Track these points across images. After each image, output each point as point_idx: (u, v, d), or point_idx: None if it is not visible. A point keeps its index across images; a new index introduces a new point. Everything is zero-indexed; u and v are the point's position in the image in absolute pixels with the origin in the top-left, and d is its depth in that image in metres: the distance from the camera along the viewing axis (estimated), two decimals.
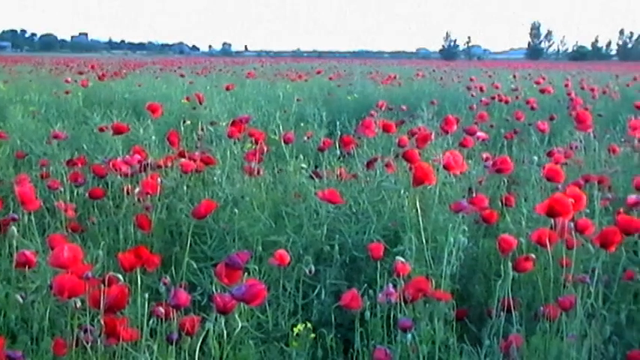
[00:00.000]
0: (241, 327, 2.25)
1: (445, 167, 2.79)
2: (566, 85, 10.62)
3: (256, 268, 2.52)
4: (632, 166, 4.28)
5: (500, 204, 3.30)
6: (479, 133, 4.57)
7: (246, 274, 2.27)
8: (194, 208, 2.74)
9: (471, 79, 12.41)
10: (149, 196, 3.27)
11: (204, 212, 2.67)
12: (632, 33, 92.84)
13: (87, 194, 3.47)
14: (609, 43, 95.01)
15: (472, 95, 9.36)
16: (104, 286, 1.92)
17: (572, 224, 2.49)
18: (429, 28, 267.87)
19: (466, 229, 2.39)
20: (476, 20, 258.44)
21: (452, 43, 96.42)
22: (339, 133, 4.38)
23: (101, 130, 4.96)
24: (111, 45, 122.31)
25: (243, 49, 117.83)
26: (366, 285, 2.38)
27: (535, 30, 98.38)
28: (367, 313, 2.27)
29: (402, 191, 3.19)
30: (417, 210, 2.69)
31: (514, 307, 2.25)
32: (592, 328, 2.20)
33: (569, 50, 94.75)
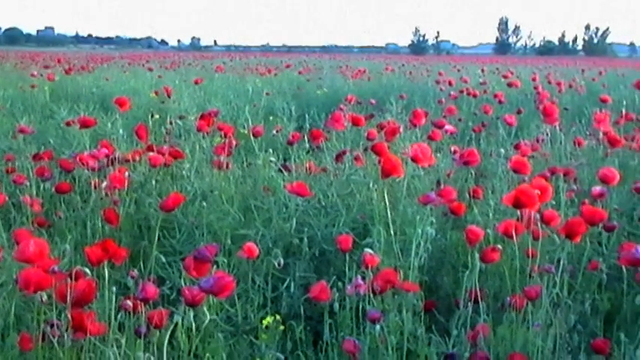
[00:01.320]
0: (210, 320, 2.24)
1: (413, 160, 2.80)
2: (534, 80, 10.74)
3: (225, 261, 2.51)
4: (597, 159, 4.34)
5: (468, 196, 3.34)
6: (447, 127, 4.60)
7: (215, 267, 2.27)
8: (162, 202, 2.73)
9: (440, 74, 12.48)
10: (117, 190, 3.24)
11: (172, 205, 2.65)
12: (597, 28, 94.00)
13: (54, 189, 3.43)
14: (575, 39, 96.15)
15: (441, 89, 9.42)
16: (71, 280, 1.91)
17: (538, 215, 2.52)
18: (399, 23, 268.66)
19: (434, 221, 2.40)
20: (445, 15, 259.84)
21: (421, 38, 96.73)
22: (308, 126, 4.38)
23: (68, 124, 4.90)
24: (78, 39, 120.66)
25: (212, 43, 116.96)
26: (335, 277, 2.38)
27: (503, 25, 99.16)
28: (336, 305, 2.27)
29: (371, 184, 3.21)
30: (385, 203, 2.71)
31: (481, 298, 2.27)
32: (557, 317, 2.23)
33: (537, 45, 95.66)
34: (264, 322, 2.26)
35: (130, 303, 1.94)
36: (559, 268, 2.31)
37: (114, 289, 1.92)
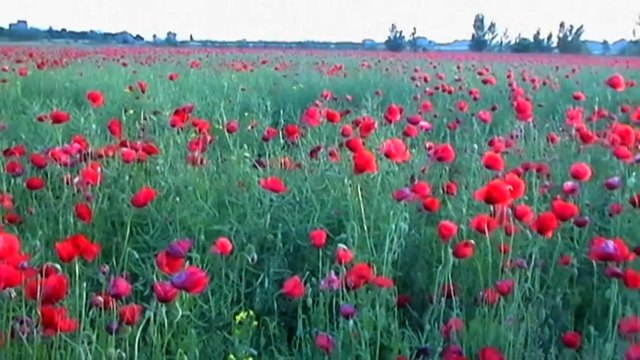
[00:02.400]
0: (184, 316, 2.23)
1: (386, 155, 2.81)
2: (509, 76, 10.81)
3: (199, 257, 2.50)
4: (569, 155, 4.38)
5: (442, 192, 3.35)
6: (422, 123, 4.62)
7: (188, 263, 2.26)
8: (133, 196, 2.70)
9: (416, 70, 12.52)
10: (89, 185, 3.21)
11: (144, 200, 2.64)
12: (571, 26, 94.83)
13: (25, 184, 3.39)
14: (550, 36, 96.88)
15: (416, 86, 9.46)
16: (41, 276, 1.89)
17: (510, 211, 2.54)
18: (375, 20, 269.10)
19: (407, 216, 2.41)
20: (421, 12, 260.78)
21: (398, 35, 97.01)
22: (283, 122, 4.38)
23: (40, 119, 4.84)
24: (51, 33, 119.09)
25: (188, 38, 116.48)
26: (309, 273, 2.38)
27: (479, 22, 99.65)
28: (309, 301, 2.27)
29: (346, 180, 3.21)
30: (359, 198, 2.71)
31: (454, 293, 2.29)
32: (529, 311, 2.25)
33: (512, 42, 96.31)
34: (238, 317, 2.25)
35: (101, 299, 1.92)
36: (531, 263, 2.33)
37: (84, 284, 1.90)
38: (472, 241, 2.41)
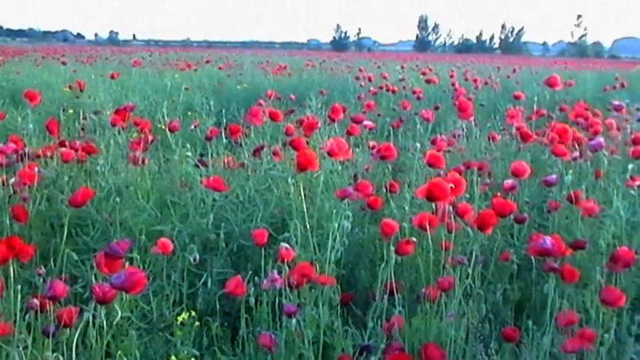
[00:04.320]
0: (124, 318, 2.20)
1: (329, 154, 2.81)
2: (451, 76, 10.95)
3: (139, 257, 2.46)
4: (510, 153, 4.46)
5: (385, 190, 3.37)
6: (366, 122, 4.64)
7: (129, 264, 2.23)
8: (71, 196, 2.64)
9: (360, 70, 12.58)
10: (26, 186, 3.13)
11: (82, 200, 2.58)
12: (513, 28, 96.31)
13: None
14: (492, 37, 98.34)
15: (361, 85, 9.51)
16: None
17: (452, 208, 2.58)
18: (320, 20, 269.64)
19: (350, 214, 2.42)
20: (366, 12, 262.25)
21: (343, 35, 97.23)
22: (224, 121, 4.35)
23: None
24: None
25: (131, 37, 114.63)
26: (251, 272, 2.37)
27: (423, 23, 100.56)
28: (251, 300, 2.26)
29: (290, 179, 3.20)
30: (301, 197, 2.70)
31: (397, 290, 2.30)
32: (469, 307, 2.28)
33: (455, 43, 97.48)
34: (179, 318, 2.23)
35: (37, 302, 1.87)
36: (472, 260, 2.36)
37: (19, 287, 1.85)
38: (414, 239, 2.43)
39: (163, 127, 4.50)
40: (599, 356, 2.07)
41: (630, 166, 3.21)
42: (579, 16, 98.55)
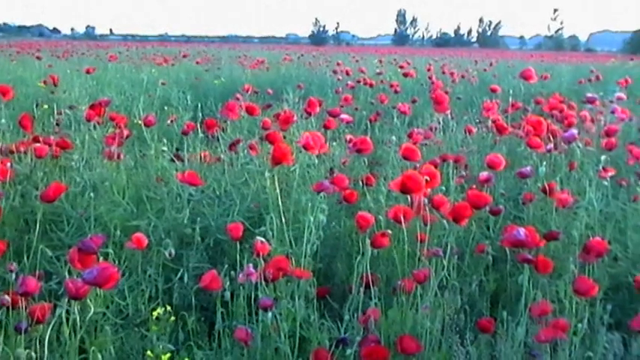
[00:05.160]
0: (99, 313, 2.19)
1: (304, 148, 2.81)
2: (429, 70, 10.99)
3: (114, 253, 2.44)
4: (486, 146, 4.49)
5: (361, 184, 3.38)
6: (343, 116, 4.65)
7: (105, 260, 2.21)
8: (43, 192, 2.62)
9: (338, 64, 12.58)
10: (0, 182, 3.09)
11: (54, 195, 2.56)
12: (490, 22, 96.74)
13: None
14: (470, 31, 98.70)
15: (338, 79, 9.51)
16: None
17: (427, 201, 2.59)
18: (299, 14, 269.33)
19: (325, 207, 2.42)
20: (344, 6, 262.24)
21: (321, 29, 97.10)
22: (200, 116, 4.33)
23: None
24: None
25: (108, 32, 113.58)
26: (227, 266, 2.37)
27: (401, 17, 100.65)
28: (227, 294, 2.26)
29: (267, 173, 3.20)
30: (277, 191, 2.70)
31: (374, 283, 2.31)
32: (445, 299, 2.29)
33: (434, 37, 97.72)
34: (155, 313, 2.22)
35: (8, 298, 1.85)
36: (447, 252, 2.38)
37: None
38: (389, 231, 2.44)
39: (139, 122, 4.47)
40: (572, 345, 2.10)
41: (603, 157, 3.24)
42: (555, 10, 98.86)
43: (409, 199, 2.66)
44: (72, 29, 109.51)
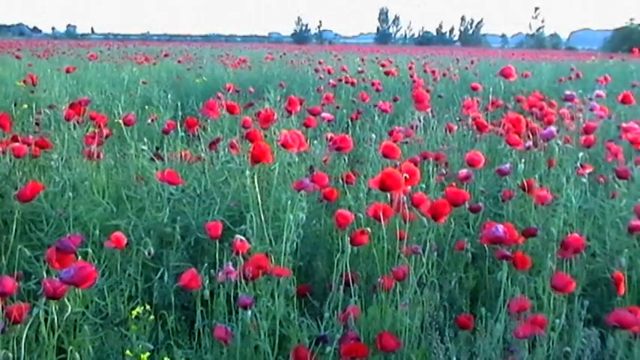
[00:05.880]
0: (78, 313, 2.18)
1: (283, 146, 2.81)
2: (410, 68, 11.02)
3: (94, 252, 2.43)
4: (466, 143, 4.51)
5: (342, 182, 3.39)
6: (324, 114, 4.65)
7: (84, 259, 2.20)
8: (20, 191, 2.60)
9: (320, 63, 12.58)
10: None
11: (31, 194, 2.54)
12: (472, 20, 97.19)
13: None
14: (452, 29, 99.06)
15: (320, 78, 9.51)
16: None
17: (407, 198, 2.59)
18: (282, 13, 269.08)
19: (305, 205, 2.42)
20: (327, 5, 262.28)
21: (304, 28, 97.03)
22: (181, 115, 4.32)
23: None
24: None
25: (89, 31, 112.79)
26: (206, 265, 2.36)
27: (383, 15, 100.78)
28: (206, 293, 2.26)
29: (248, 171, 3.20)
30: (256, 189, 2.70)
31: (354, 281, 2.32)
32: (424, 295, 2.30)
33: (416, 35, 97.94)
34: (134, 312, 2.21)
35: None
36: (426, 249, 2.39)
37: None
38: (368, 229, 2.44)
39: (120, 121, 4.46)
40: (550, 341, 2.11)
41: (580, 155, 3.26)
42: (537, 9, 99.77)
43: (389, 196, 2.67)
44: (53, 28, 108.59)
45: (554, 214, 2.92)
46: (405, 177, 2.46)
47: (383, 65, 11.62)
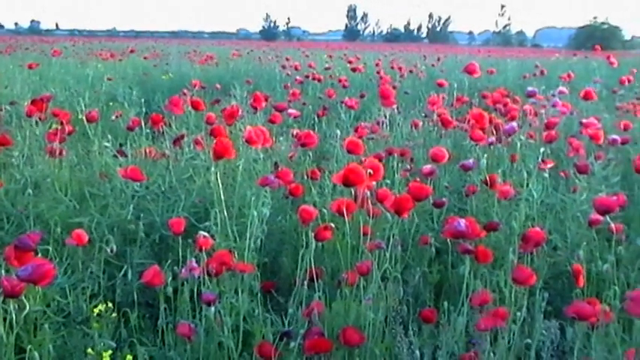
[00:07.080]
0: (39, 311, 2.15)
1: (247, 142, 2.80)
2: (377, 65, 11.05)
3: (56, 250, 2.41)
4: (432, 139, 4.55)
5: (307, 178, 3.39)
6: (290, 110, 4.65)
7: (45, 257, 2.18)
8: None
9: (287, 59, 12.57)
10: None
11: None
12: (440, 17, 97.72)
13: None
14: (420, 27, 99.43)
15: (287, 74, 9.50)
16: None
17: (372, 194, 2.60)
18: (250, 9, 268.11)
19: (269, 201, 2.42)
20: (295, 2, 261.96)
21: (272, 24, 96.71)
22: (146, 111, 4.28)
23: None
24: None
25: (53, 27, 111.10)
26: (171, 262, 2.35)
27: (352, 12, 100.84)
28: (169, 289, 2.25)
29: (213, 168, 3.18)
30: (219, 186, 2.69)
31: (318, 276, 2.32)
32: (387, 290, 2.32)
33: (384, 32, 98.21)
34: (96, 310, 2.19)
35: None
36: (390, 244, 2.40)
37: None
38: (332, 225, 2.45)
39: (83, 117, 4.40)
40: (511, 333, 2.14)
41: (542, 150, 3.30)
42: (503, 6, 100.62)
43: (353, 192, 2.68)
44: (16, 24, 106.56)
45: (516, 208, 2.96)
46: (369, 172, 2.47)
47: (350, 62, 11.64)
